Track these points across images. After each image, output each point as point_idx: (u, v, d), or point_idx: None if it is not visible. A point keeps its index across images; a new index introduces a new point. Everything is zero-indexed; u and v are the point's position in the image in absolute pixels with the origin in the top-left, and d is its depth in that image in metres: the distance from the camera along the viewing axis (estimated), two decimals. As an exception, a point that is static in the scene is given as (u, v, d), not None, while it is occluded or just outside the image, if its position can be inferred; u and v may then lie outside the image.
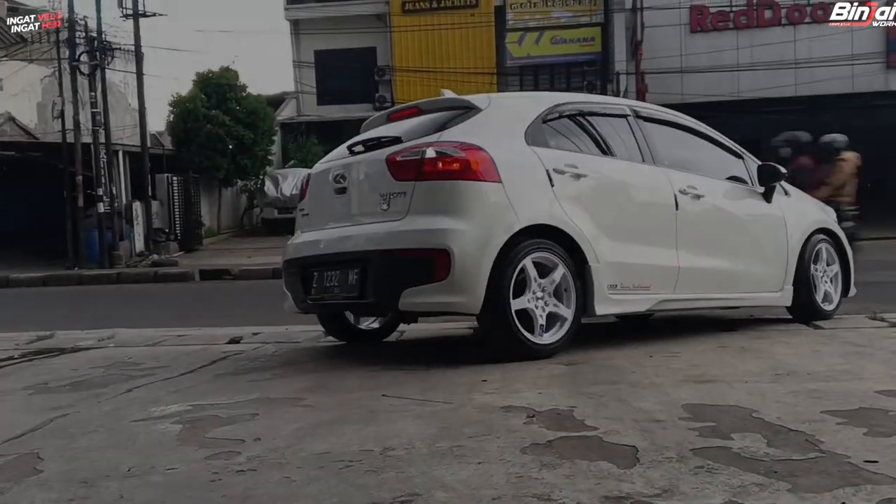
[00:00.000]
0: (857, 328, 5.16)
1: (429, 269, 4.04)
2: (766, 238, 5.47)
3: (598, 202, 4.55)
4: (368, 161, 4.56)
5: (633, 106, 5.26)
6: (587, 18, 26.83)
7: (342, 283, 4.46)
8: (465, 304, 4.09)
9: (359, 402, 3.41)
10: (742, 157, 5.64)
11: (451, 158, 4.15)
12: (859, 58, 20.67)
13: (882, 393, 3.13)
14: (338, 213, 4.69)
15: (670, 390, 3.36)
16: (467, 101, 4.61)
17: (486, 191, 4.15)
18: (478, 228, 4.08)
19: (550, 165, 4.40)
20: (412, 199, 4.18)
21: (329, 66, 27.93)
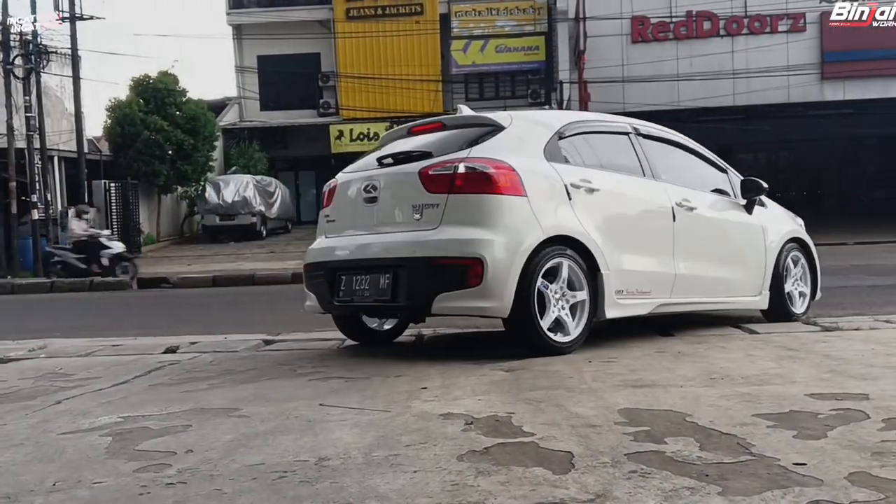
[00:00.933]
0: (790, 332, 5.27)
1: (463, 276, 4.35)
2: (747, 247, 5.88)
3: (607, 214, 4.91)
4: (400, 173, 4.82)
5: (633, 124, 5.60)
6: (531, 27, 27.09)
7: (373, 287, 4.72)
8: (496, 308, 4.39)
9: (296, 411, 3.35)
10: (726, 172, 6.05)
11: (481, 174, 4.46)
12: (795, 69, 21.23)
13: (812, 396, 3.20)
14: (368, 221, 4.93)
15: (607, 395, 3.38)
16: (491, 120, 4.93)
17: (513, 204, 4.47)
18: (507, 239, 4.39)
19: (568, 180, 4.74)
20: (445, 211, 4.49)
21: (272, 71, 27.66)
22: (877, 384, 3.37)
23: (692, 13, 21.46)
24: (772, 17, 21.23)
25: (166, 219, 25.02)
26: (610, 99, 20.83)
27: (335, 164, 27.99)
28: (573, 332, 4.64)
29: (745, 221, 5.92)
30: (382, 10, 27.36)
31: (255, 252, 19.89)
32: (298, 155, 28.58)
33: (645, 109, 20.41)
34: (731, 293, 5.77)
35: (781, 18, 21.26)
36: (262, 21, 27.67)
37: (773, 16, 21.22)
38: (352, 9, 27.41)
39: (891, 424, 2.71)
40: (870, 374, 3.62)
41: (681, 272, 5.29)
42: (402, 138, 5.39)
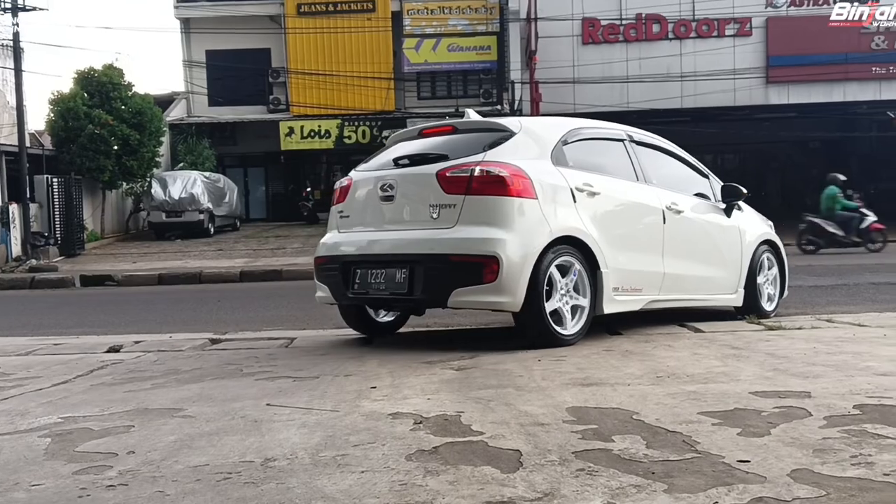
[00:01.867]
0: (735, 332, 5.36)
1: (479, 272, 4.63)
2: (727, 248, 6.24)
3: (607, 216, 5.21)
4: (417, 174, 5.07)
5: (628, 131, 5.92)
6: (483, 27, 27.14)
7: (389, 281, 4.98)
8: (509, 303, 4.66)
9: (242, 411, 3.30)
10: (708, 177, 6.45)
11: (497, 177, 4.74)
12: (741, 73, 21.64)
13: (756, 394, 3.25)
14: (384, 218, 5.19)
15: (556, 393, 3.40)
16: (502, 125, 5.22)
17: (526, 206, 4.76)
18: (520, 238, 4.68)
19: (573, 184, 5.04)
20: (462, 211, 4.76)
21: (221, 66, 27.25)
22: (818, 382, 3.44)
23: (641, 16, 21.74)
24: (719, 21, 21.62)
25: (111, 215, 24.49)
26: (561, 99, 20.99)
27: (285, 161, 27.78)
28: (576, 326, 4.93)
29: (725, 224, 6.26)
30: (334, 6, 27.14)
31: (202, 250, 19.59)
32: (247, 151, 28.23)
33: (595, 110, 20.61)
34: (711, 291, 6.12)
35: (728, 22, 21.66)
36: (211, 15, 27.23)
37: (720, 20, 21.60)
38: (303, 4, 27.14)
39: (832, 422, 2.76)
40: (811, 372, 3.70)
41: (669, 271, 5.60)
42: (413, 139, 5.60)
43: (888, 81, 21.65)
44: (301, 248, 19.33)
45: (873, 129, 26.25)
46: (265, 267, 15.38)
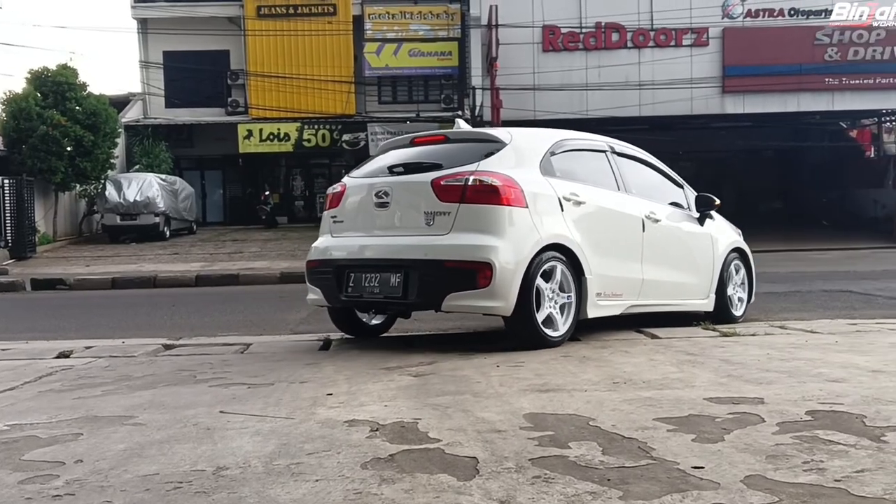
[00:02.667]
0: (691, 338, 5.41)
1: (473, 277, 4.79)
2: (700, 255, 6.51)
3: (591, 225, 5.42)
4: (412, 182, 5.22)
5: (609, 142, 6.17)
6: (445, 33, 27.18)
7: (383, 285, 5.11)
8: (501, 307, 4.84)
9: (195, 419, 3.24)
10: (682, 187, 6.68)
11: (490, 186, 4.91)
12: (698, 82, 21.94)
13: (710, 400, 3.28)
14: (379, 223, 5.32)
15: (513, 400, 3.39)
16: (493, 136, 5.41)
17: (517, 214, 4.94)
18: (512, 245, 4.85)
19: (560, 193, 5.24)
20: (456, 218, 4.92)
21: (179, 67, 26.89)
22: (771, 388, 3.48)
23: (601, 24, 21.95)
24: (677, 30, 21.91)
25: (64, 218, 23.99)
26: (521, 106, 21.09)
27: (243, 163, 27.50)
28: (563, 328, 5.12)
29: (699, 232, 6.54)
30: (294, 9, 26.94)
31: (157, 253, 19.29)
32: (205, 154, 27.88)
33: (555, 117, 20.75)
34: (685, 296, 6.37)
35: (686, 32, 21.96)
36: (169, 16, 26.86)
37: (678, 30, 21.89)
38: (263, 6, 26.90)
39: (784, 428, 2.79)
40: (765, 378, 3.74)
41: (647, 277, 5.86)
42: (404, 148, 5.76)
43: (840, 92, 22.13)
44: (259, 252, 19.14)
45: (826, 140, 26.81)
46: (222, 271, 15.19)
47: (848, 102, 22.42)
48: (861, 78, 21.90)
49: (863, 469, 2.32)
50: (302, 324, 7.73)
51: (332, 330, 6.73)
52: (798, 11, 21.87)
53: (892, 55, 21.60)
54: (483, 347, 5.22)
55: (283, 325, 7.68)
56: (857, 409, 3.02)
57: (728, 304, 6.72)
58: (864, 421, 2.86)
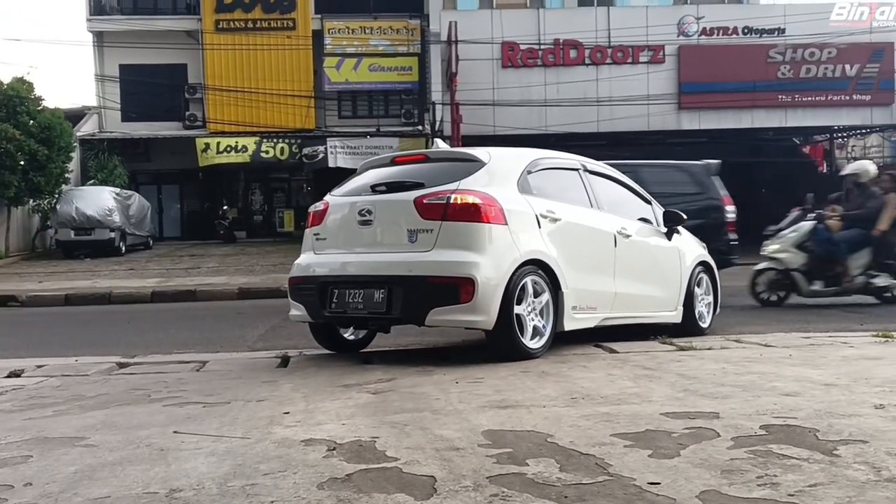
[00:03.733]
0: (648, 352, 5.45)
1: (455, 293, 4.93)
2: (668, 269, 6.73)
3: (566, 240, 5.58)
4: (395, 200, 5.36)
5: (581, 161, 6.38)
6: (405, 48, 27.25)
7: (367, 300, 5.23)
8: (483, 321, 4.99)
9: (148, 439, 3.18)
10: (650, 203, 6.90)
11: (472, 205, 5.07)
12: (654, 98, 22.28)
13: (667, 415, 3.30)
14: (362, 241, 5.44)
15: (472, 417, 3.38)
16: (473, 156, 5.55)
17: (497, 231, 5.10)
18: (493, 261, 5.01)
19: (537, 211, 5.42)
20: (439, 236, 5.06)
21: (135, 81, 26.56)
22: (726, 403, 3.52)
23: (559, 41, 22.17)
24: (633, 48, 22.22)
25: (17, 233, 23.49)
26: (481, 121, 21.20)
27: (202, 178, 27.22)
28: (542, 340, 5.29)
29: (667, 246, 6.76)
30: (253, 23, 26.82)
31: (113, 269, 18.96)
32: (162, 168, 27.54)
33: (514, 133, 20.89)
34: (655, 309, 6.59)
35: (642, 50, 22.29)
36: (126, 29, 26.54)
37: (634, 47, 22.21)
38: (221, 21, 26.73)
39: (739, 442, 2.82)
40: (720, 392, 3.78)
41: (619, 290, 6.06)
42: (385, 167, 5.92)
43: (793, 109, 22.60)
44: (216, 267, 18.92)
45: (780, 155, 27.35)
46: (178, 287, 14.97)
47: (800, 119, 22.92)
48: (813, 95, 22.42)
49: (815, 483, 2.35)
50: (260, 340, 7.65)
51: (291, 347, 6.70)
52: (752, 30, 22.33)
53: (843, 73, 22.14)
54: (443, 363, 5.22)
55: (240, 342, 7.59)
56: (810, 423, 3.07)
57: (695, 315, 6.94)
58: (816, 435, 2.90)
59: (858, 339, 5.97)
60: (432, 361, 5.35)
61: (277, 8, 26.93)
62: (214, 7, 26.80)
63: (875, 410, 3.28)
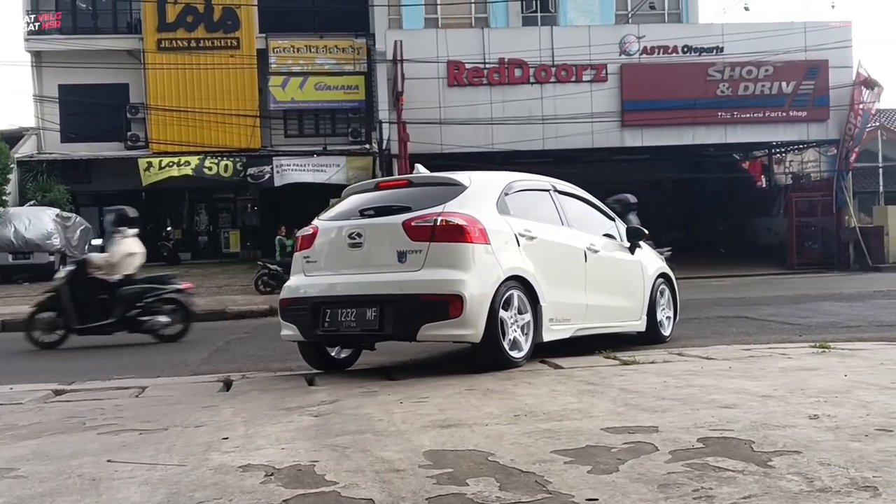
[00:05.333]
0: (592, 367, 5.49)
1: (445, 309, 5.22)
2: (633, 281, 7.17)
3: (542, 257, 5.92)
4: (384, 224, 5.63)
5: (552, 182, 6.79)
6: (351, 67, 27.22)
7: (360, 319, 5.46)
8: (472, 335, 5.29)
9: (80, 469, 3.09)
10: (614, 220, 7.38)
11: (457, 226, 5.38)
12: (598, 116, 22.54)
13: (607, 430, 3.32)
14: (352, 262, 5.68)
15: (414, 437, 3.36)
16: (454, 180, 5.90)
17: (481, 251, 5.43)
18: (478, 278, 5.33)
19: (516, 230, 5.77)
20: (427, 256, 5.34)
21: (75, 101, 26.05)
22: (666, 416, 3.55)
23: (504, 60, 22.34)
24: (577, 66, 22.49)
25: (-49, 257, 22.76)
26: (428, 140, 21.23)
27: (145, 198, 26.75)
28: (524, 350, 5.63)
29: (631, 260, 7.21)
30: (196, 42, 26.52)
31: (53, 293, 18.44)
32: (103, 190, 26.97)
33: (461, 151, 20.97)
34: (622, 318, 7.01)
35: (586, 69, 22.56)
36: (65, 49, 26.00)
37: (578, 66, 22.47)
38: (164, 40, 26.38)
39: (676, 456, 2.85)
40: (660, 406, 3.82)
41: (590, 303, 6.45)
42: (370, 192, 6.24)
43: (732, 126, 23.07)
44: (161, 290, 18.54)
45: (721, 171, 27.91)
46: (121, 310, 14.63)
47: (739, 135, 23.41)
48: (751, 112, 22.91)
49: (750, 495, 2.38)
50: (203, 364, 7.51)
51: (234, 370, 6.61)
52: (691, 49, 22.77)
53: (779, 90, 22.70)
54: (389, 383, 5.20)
55: (182, 366, 7.44)
56: (745, 435, 3.11)
57: (658, 325, 7.41)
58: (752, 446, 2.94)
59: (797, 350, 6.10)
60: (379, 381, 5.31)
61: (221, 27, 26.69)
62: (156, 26, 26.46)
63: (809, 421, 3.35)
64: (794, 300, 12.08)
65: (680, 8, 27.78)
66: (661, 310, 7.52)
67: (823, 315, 9.61)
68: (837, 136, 22.98)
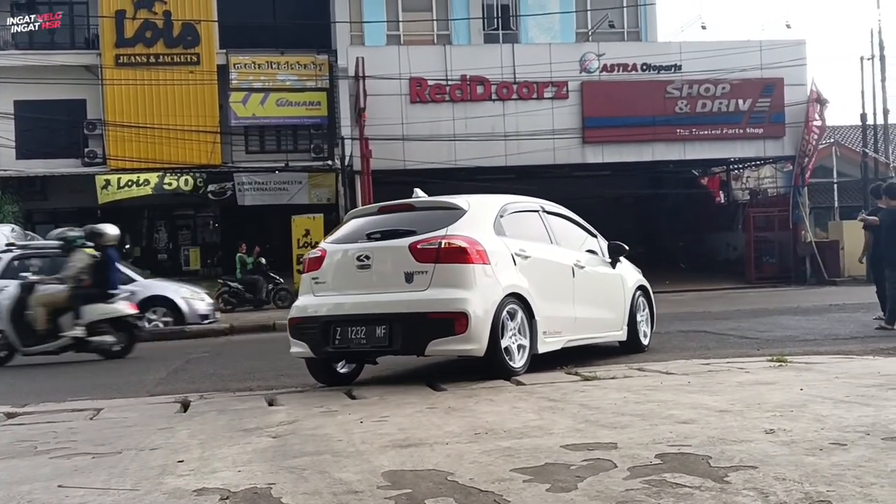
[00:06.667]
0: (553, 383, 5.50)
1: (451, 326, 5.61)
2: (615, 294, 7.63)
3: (536, 274, 6.32)
4: (391, 247, 6.02)
5: (540, 203, 7.28)
6: (313, 83, 27.11)
7: (370, 336, 5.83)
8: (476, 349, 5.68)
9: (30, 495, 3.01)
10: (596, 237, 7.80)
11: (460, 248, 5.77)
12: (559, 133, 22.73)
13: (567, 447, 3.32)
14: (361, 283, 6.04)
15: (374, 458, 3.33)
16: (454, 204, 6.28)
17: (483, 270, 5.82)
18: (481, 297, 5.71)
19: (512, 250, 6.18)
20: (433, 276, 5.71)
21: (31, 117, 25.60)
22: (625, 432, 3.56)
23: (466, 77, 22.45)
24: (538, 84, 22.68)
25: None
26: (391, 156, 21.22)
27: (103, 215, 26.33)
28: (521, 360, 6.03)
29: (612, 274, 7.70)
30: (156, 58, 26.24)
31: (7, 313, 18.05)
32: (59, 207, 26.50)
33: (424, 167, 20.99)
34: (607, 329, 7.44)
35: (547, 86, 22.76)
36: (21, 64, 25.53)
37: (539, 83, 22.67)
38: (122, 55, 26.05)
39: (635, 472, 2.85)
40: (619, 422, 3.83)
41: (578, 315, 6.88)
42: (372, 215, 6.62)
43: (691, 142, 23.41)
44: (119, 308, 18.24)
45: (680, 187, 28.27)
46: (78, 330, 14.36)
47: (698, 152, 23.75)
48: (709, 129, 23.27)
49: (706, 511, 2.39)
50: (160, 385, 7.39)
51: (192, 390, 6.52)
52: (650, 66, 23.08)
53: (736, 107, 23.08)
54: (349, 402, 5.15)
55: (139, 386, 7.31)
56: (703, 451, 3.13)
57: (637, 333, 7.84)
58: (709, 462, 2.96)
59: (755, 364, 6.17)
60: (339, 401, 5.27)
61: (181, 43, 26.45)
62: (115, 42, 26.13)
63: (766, 435, 3.38)
64: (752, 314, 12.24)
65: (639, 26, 28.18)
66: (640, 320, 7.93)
67: (781, 329, 9.74)
68: (793, 152, 23.43)
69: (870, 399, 4.21)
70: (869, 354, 6.83)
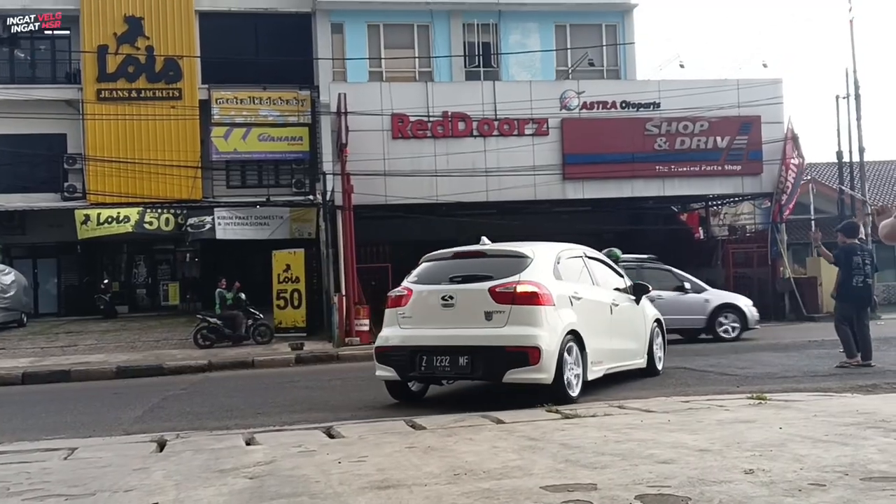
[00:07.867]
0: (533, 421, 5.48)
1: (526, 358, 6.63)
2: (639, 327, 8.82)
3: (586, 313, 7.42)
4: (473, 289, 7.10)
5: (584, 250, 8.56)
6: (295, 118, 27.16)
7: (453, 364, 6.90)
8: (546, 378, 6.67)
9: (-1, 540, 2.94)
10: (623, 276, 8.98)
11: (532, 293, 6.86)
12: (540, 169, 22.85)
13: (546, 489, 3.30)
14: (445, 319, 7.10)
15: (351, 499, 3.29)
16: (522, 252, 7.39)
17: (549, 311, 6.89)
18: (549, 333, 6.77)
19: (569, 293, 7.31)
20: (510, 315, 6.80)
21: (10, 151, 25.45)
22: (605, 473, 3.55)
23: (448, 113, 22.58)
24: (519, 120, 22.85)
25: None
26: (373, 191, 21.23)
27: (82, 250, 26.14)
28: (578, 388, 7.04)
29: (637, 309, 8.87)
30: (137, 92, 26.22)
31: (-18, 349, 17.80)
32: (38, 241, 26.28)
33: (406, 202, 21.04)
34: (633, 358, 8.54)
35: (527, 123, 22.93)
36: (2, 98, 25.51)
37: (520, 120, 22.83)
38: (104, 90, 26.02)
39: (614, 515, 2.84)
40: (599, 462, 3.81)
41: (614, 347, 8.01)
42: (447, 260, 7.67)
43: (670, 179, 23.59)
44: (95, 344, 18.05)
45: (659, 223, 28.46)
46: (52, 367, 14.18)
47: (677, 188, 23.94)
48: (688, 165, 23.49)
49: (686, 554, 2.37)
50: (137, 423, 7.28)
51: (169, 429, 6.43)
52: (629, 104, 23.34)
53: (715, 144, 23.33)
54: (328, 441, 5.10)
55: (116, 424, 7.21)
56: (682, 491, 3.12)
57: (655, 361, 9.00)
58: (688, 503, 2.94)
59: (735, 401, 6.19)
60: (318, 440, 5.21)
61: (163, 77, 26.48)
62: (96, 76, 26.11)
63: (745, 476, 3.38)
64: (732, 350, 12.28)
65: (618, 65, 28.59)
66: (655, 348, 9.06)
67: (761, 365, 9.78)
68: (771, 189, 23.67)
69: (848, 438, 4.22)
70: (847, 392, 6.87)
